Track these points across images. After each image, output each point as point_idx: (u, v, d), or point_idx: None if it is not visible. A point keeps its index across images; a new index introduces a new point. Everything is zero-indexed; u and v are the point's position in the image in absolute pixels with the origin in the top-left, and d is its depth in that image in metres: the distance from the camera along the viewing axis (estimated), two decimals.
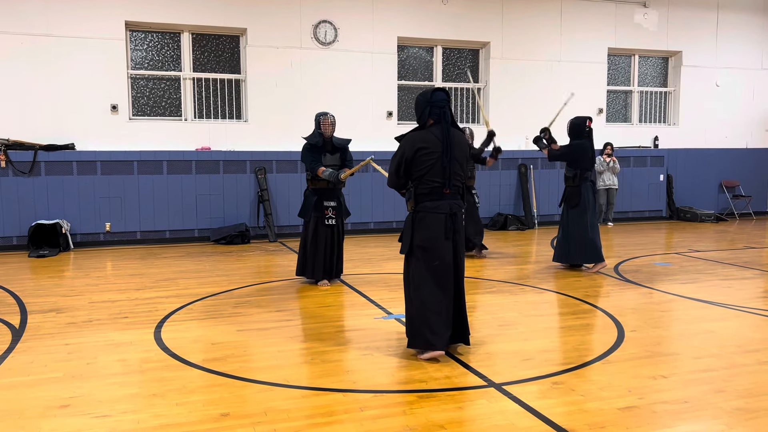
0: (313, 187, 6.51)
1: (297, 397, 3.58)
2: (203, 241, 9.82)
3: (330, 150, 6.50)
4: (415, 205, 4.25)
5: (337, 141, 6.55)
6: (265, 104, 10.24)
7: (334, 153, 6.53)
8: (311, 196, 6.52)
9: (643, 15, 12.41)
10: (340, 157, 6.55)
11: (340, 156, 6.56)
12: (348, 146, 6.62)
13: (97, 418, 3.32)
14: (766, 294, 6.31)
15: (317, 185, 6.49)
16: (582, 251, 7.23)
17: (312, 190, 6.53)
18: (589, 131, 7.21)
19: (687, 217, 12.52)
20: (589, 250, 7.20)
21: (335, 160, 6.52)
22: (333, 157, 6.50)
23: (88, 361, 4.25)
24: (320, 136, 6.42)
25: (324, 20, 10.46)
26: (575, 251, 7.26)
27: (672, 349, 4.49)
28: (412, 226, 4.25)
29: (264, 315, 5.45)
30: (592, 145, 7.26)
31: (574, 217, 7.24)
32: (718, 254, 8.58)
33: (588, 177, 7.22)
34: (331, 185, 6.45)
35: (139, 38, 9.89)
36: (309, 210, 6.51)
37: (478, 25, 11.39)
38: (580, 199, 7.16)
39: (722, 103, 13.11)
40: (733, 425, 3.21)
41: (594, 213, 7.26)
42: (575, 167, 7.19)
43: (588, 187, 7.23)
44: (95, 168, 9.34)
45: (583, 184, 7.19)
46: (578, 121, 7.21)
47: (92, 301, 6.00)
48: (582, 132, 7.18)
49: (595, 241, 7.20)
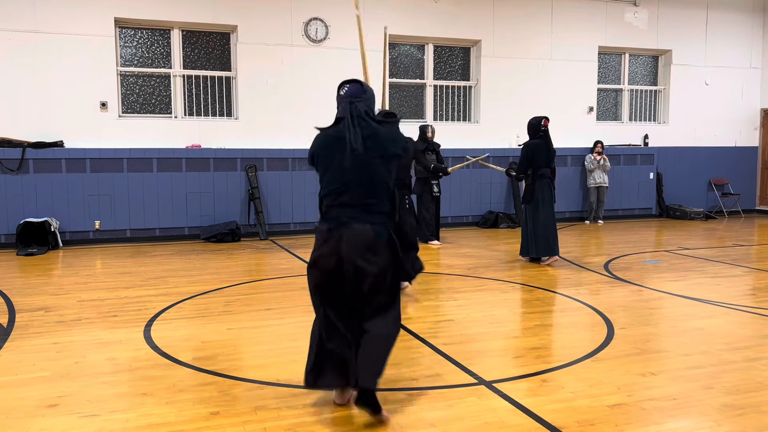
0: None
1: (287, 396, 3.57)
2: (193, 239, 9.77)
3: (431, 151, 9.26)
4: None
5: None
6: (255, 102, 10.20)
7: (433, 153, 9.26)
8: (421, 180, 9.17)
9: (633, 14, 12.46)
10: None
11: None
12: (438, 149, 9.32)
13: (86, 417, 3.30)
14: (754, 291, 6.36)
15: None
16: (536, 245, 7.57)
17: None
18: (545, 130, 7.58)
19: (676, 215, 12.59)
20: (541, 243, 7.54)
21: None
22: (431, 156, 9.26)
23: (77, 360, 4.22)
24: (423, 141, 9.21)
25: (315, 17, 10.43)
26: (531, 245, 7.63)
27: (661, 347, 4.52)
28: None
29: (254, 313, 5.43)
30: (546, 143, 7.60)
31: (529, 213, 7.62)
32: (707, 252, 8.64)
33: (544, 174, 7.55)
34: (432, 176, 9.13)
35: (128, 35, 9.83)
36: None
37: (470, 23, 11.39)
38: (533, 195, 7.53)
39: (711, 101, 13.18)
40: (722, 422, 3.23)
41: (549, 209, 7.55)
42: (530, 166, 7.57)
43: (544, 184, 7.55)
44: (84, 166, 9.28)
45: (537, 182, 7.53)
46: (534, 121, 7.67)
47: (81, 299, 5.96)
48: (537, 131, 7.59)
49: (547, 236, 7.52)
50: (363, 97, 3.36)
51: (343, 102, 3.37)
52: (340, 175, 3.25)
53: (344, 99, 3.36)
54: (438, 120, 11.49)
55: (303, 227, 10.40)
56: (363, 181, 3.25)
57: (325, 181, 3.31)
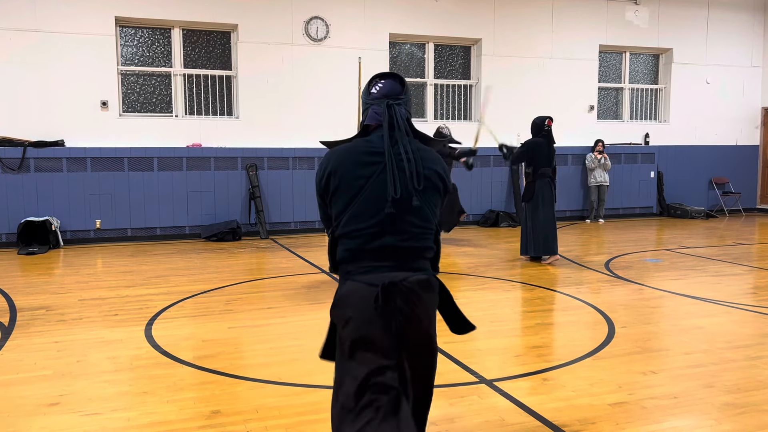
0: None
1: (288, 394, 3.57)
2: (194, 239, 9.78)
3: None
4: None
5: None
6: (256, 100, 10.20)
7: None
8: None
9: (634, 12, 12.45)
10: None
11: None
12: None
13: (87, 416, 3.31)
14: (755, 290, 6.35)
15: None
16: (535, 244, 7.60)
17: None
18: (548, 130, 7.63)
19: (677, 213, 12.58)
20: (540, 242, 7.56)
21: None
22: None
23: (78, 358, 4.23)
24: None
25: (315, 16, 10.42)
26: (531, 244, 7.65)
27: (662, 345, 4.52)
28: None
29: (255, 312, 5.43)
30: (549, 143, 7.63)
31: (529, 212, 7.64)
32: (707, 251, 8.63)
33: (545, 173, 7.57)
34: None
35: (129, 34, 9.83)
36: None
37: (470, 22, 11.38)
38: (533, 194, 7.56)
39: (712, 100, 13.17)
40: (722, 420, 3.23)
41: (549, 208, 7.57)
42: (531, 164, 7.60)
43: (545, 183, 7.58)
44: (85, 165, 9.28)
45: (538, 180, 7.55)
46: (538, 120, 7.73)
47: (82, 298, 5.97)
48: (540, 131, 7.64)
49: (547, 235, 7.55)
50: (403, 99, 2.41)
51: (377, 104, 2.39)
52: (377, 208, 2.25)
53: (380, 100, 2.39)
54: (438, 119, 11.49)
55: (303, 226, 10.41)
56: (408, 218, 2.29)
57: (349, 216, 2.28)
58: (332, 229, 2.37)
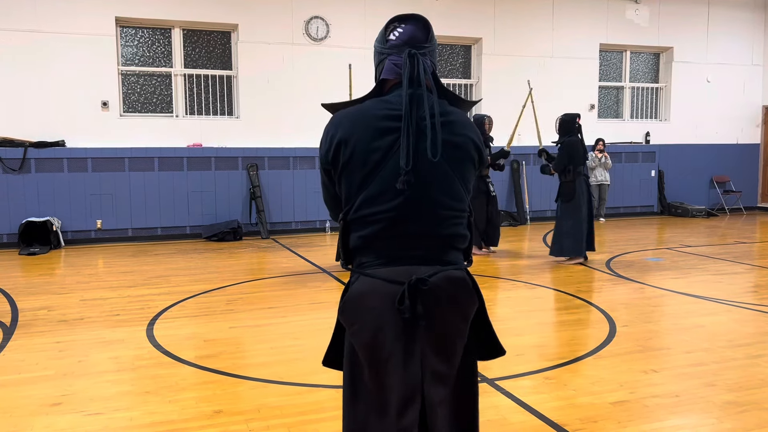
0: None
1: (290, 394, 3.58)
2: (195, 238, 9.78)
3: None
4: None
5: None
6: (256, 100, 10.20)
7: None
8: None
9: (634, 11, 12.44)
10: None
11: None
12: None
13: (90, 415, 3.31)
14: (756, 288, 6.35)
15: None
16: (575, 244, 7.37)
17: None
18: (579, 127, 7.43)
19: (678, 212, 12.58)
20: (582, 242, 7.35)
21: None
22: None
23: (80, 358, 4.23)
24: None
25: (316, 16, 10.42)
26: (569, 245, 7.41)
27: (663, 344, 4.52)
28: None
29: (256, 312, 5.44)
30: (582, 140, 7.46)
31: (569, 211, 7.40)
32: (708, 249, 8.63)
33: (581, 172, 7.40)
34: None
35: (129, 34, 9.83)
36: None
37: (471, 21, 11.38)
38: (574, 193, 7.34)
39: (713, 98, 13.16)
40: (724, 419, 3.23)
41: (589, 207, 7.42)
42: (571, 164, 7.35)
43: (582, 181, 7.40)
44: (86, 165, 9.29)
45: (577, 179, 7.36)
46: (568, 117, 7.46)
47: (84, 298, 5.97)
48: (572, 128, 7.41)
49: (590, 233, 7.41)
50: (428, 48, 1.90)
51: (396, 53, 1.89)
52: (396, 185, 1.80)
53: (400, 48, 1.88)
54: None
55: (304, 226, 10.41)
56: (438, 198, 1.85)
57: (364, 196, 1.83)
58: (344, 213, 1.89)
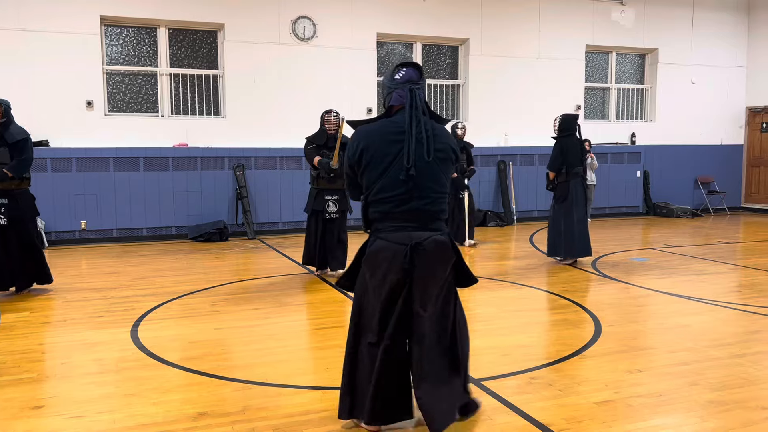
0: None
1: (275, 395, 3.56)
2: (181, 239, 9.72)
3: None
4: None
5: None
6: (243, 100, 10.16)
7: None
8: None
9: (620, 12, 12.53)
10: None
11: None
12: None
13: (72, 418, 3.28)
14: (739, 288, 6.41)
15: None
16: (570, 245, 7.33)
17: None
18: (578, 127, 7.36)
19: (663, 212, 12.68)
20: (576, 244, 7.31)
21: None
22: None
23: (63, 361, 4.19)
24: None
25: (302, 16, 10.40)
26: (563, 246, 7.38)
27: (648, 344, 4.55)
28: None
29: (242, 313, 5.41)
30: (581, 141, 7.37)
31: (562, 212, 7.36)
32: (693, 249, 8.71)
33: (578, 173, 7.31)
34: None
35: (114, 33, 9.75)
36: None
37: (458, 22, 11.40)
38: (567, 194, 7.29)
39: (697, 100, 13.29)
40: (707, 418, 3.26)
41: (582, 208, 7.37)
42: (564, 164, 7.27)
43: (578, 182, 7.33)
44: (70, 165, 9.20)
45: (572, 180, 7.28)
46: (569, 117, 7.39)
47: (67, 300, 5.91)
48: (573, 127, 7.31)
49: (583, 235, 7.36)
50: (421, 84, 2.93)
51: (400, 88, 2.90)
52: (403, 178, 2.81)
53: (403, 85, 2.90)
54: None
55: (291, 226, 10.38)
56: (429, 185, 2.86)
57: (380, 185, 2.85)
58: (365, 196, 2.91)
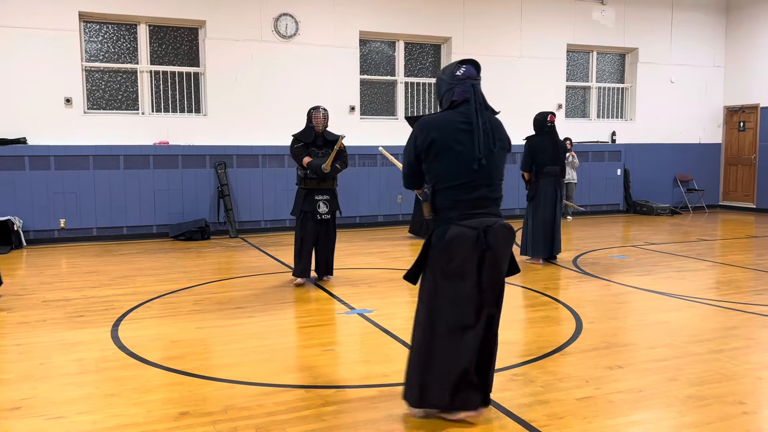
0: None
1: (258, 394, 3.54)
2: (162, 238, 9.64)
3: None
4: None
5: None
6: (224, 98, 10.09)
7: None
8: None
9: (600, 12, 12.63)
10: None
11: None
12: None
13: (51, 419, 3.24)
14: (717, 285, 6.51)
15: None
16: (534, 245, 7.36)
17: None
18: (551, 126, 7.34)
19: (643, 210, 12.82)
20: (540, 243, 7.32)
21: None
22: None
23: (42, 361, 4.13)
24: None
25: (285, 13, 10.35)
26: (530, 245, 7.42)
27: (628, 340, 4.60)
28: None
29: (224, 312, 5.38)
30: (554, 140, 7.35)
31: (530, 211, 7.43)
32: (672, 247, 8.81)
33: (549, 172, 7.27)
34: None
35: (93, 29, 9.63)
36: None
37: (440, 21, 11.43)
38: (536, 193, 7.31)
39: (676, 99, 13.45)
40: (686, 413, 3.30)
41: (550, 209, 7.30)
42: (534, 163, 7.30)
43: (548, 182, 7.29)
44: (48, 163, 9.08)
45: (541, 179, 7.28)
46: (540, 117, 7.42)
47: (46, 299, 5.84)
48: (543, 127, 7.34)
49: (549, 235, 7.31)
50: (479, 80, 3.15)
51: (463, 84, 3.10)
52: (472, 166, 3.01)
53: (465, 81, 3.10)
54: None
55: (274, 225, 10.34)
56: (495, 174, 3.08)
57: (450, 173, 3.03)
58: (434, 184, 3.08)
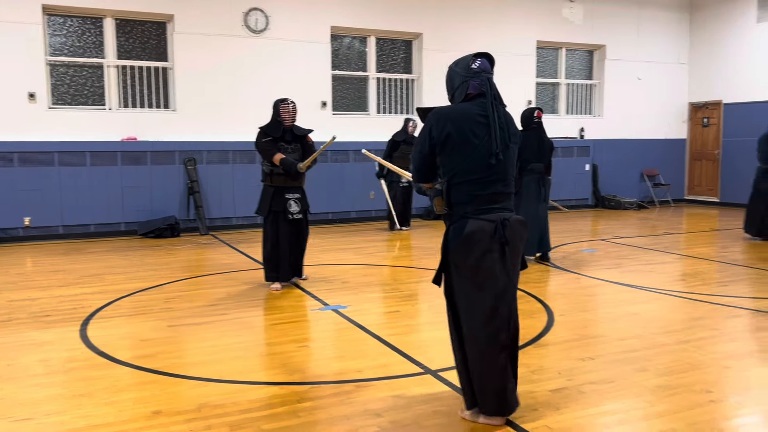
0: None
1: (232, 392, 3.51)
2: (130, 235, 9.48)
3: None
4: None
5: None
6: (193, 93, 9.95)
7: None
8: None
9: (569, 9, 12.78)
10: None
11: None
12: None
13: (18, 421, 3.16)
14: (684, 277, 6.64)
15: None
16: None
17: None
18: (538, 122, 7.24)
19: (611, 205, 13.03)
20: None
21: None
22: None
23: (8, 362, 4.03)
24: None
25: (255, 8, 10.24)
26: None
27: (598, 332, 4.67)
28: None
29: (196, 309, 5.31)
30: (540, 136, 7.23)
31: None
32: (640, 240, 8.97)
33: (533, 169, 7.16)
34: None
35: (57, 23, 9.40)
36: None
37: (411, 16, 11.43)
38: (518, 190, 7.15)
39: (643, 95, 13.68)
40: (655, 402, 3.37)
41: (533, 206, 7.17)
42: (519, 159, 7.25)
43: (532, 179, 7.16)
44: (12, 160, 8.85)
45: (526, 176, 7.16)
46: (527, 113, 7.32)
47: (11, 299, 5.69)
48: (530, 124, 7.24)
49: (533, 234, 7.20)
50: (492, 74, 3.12)
51: (478, 77, 3.04)
52: (489, 161, 2.95)
53: (480, 74, 3.05)
54: (381, 113, 11.51)
55: (245, 221, 10.24)
56: (509, 169, 3.04)
57: (467, 167, 2.96)
58: (449, 177, 3.00)
